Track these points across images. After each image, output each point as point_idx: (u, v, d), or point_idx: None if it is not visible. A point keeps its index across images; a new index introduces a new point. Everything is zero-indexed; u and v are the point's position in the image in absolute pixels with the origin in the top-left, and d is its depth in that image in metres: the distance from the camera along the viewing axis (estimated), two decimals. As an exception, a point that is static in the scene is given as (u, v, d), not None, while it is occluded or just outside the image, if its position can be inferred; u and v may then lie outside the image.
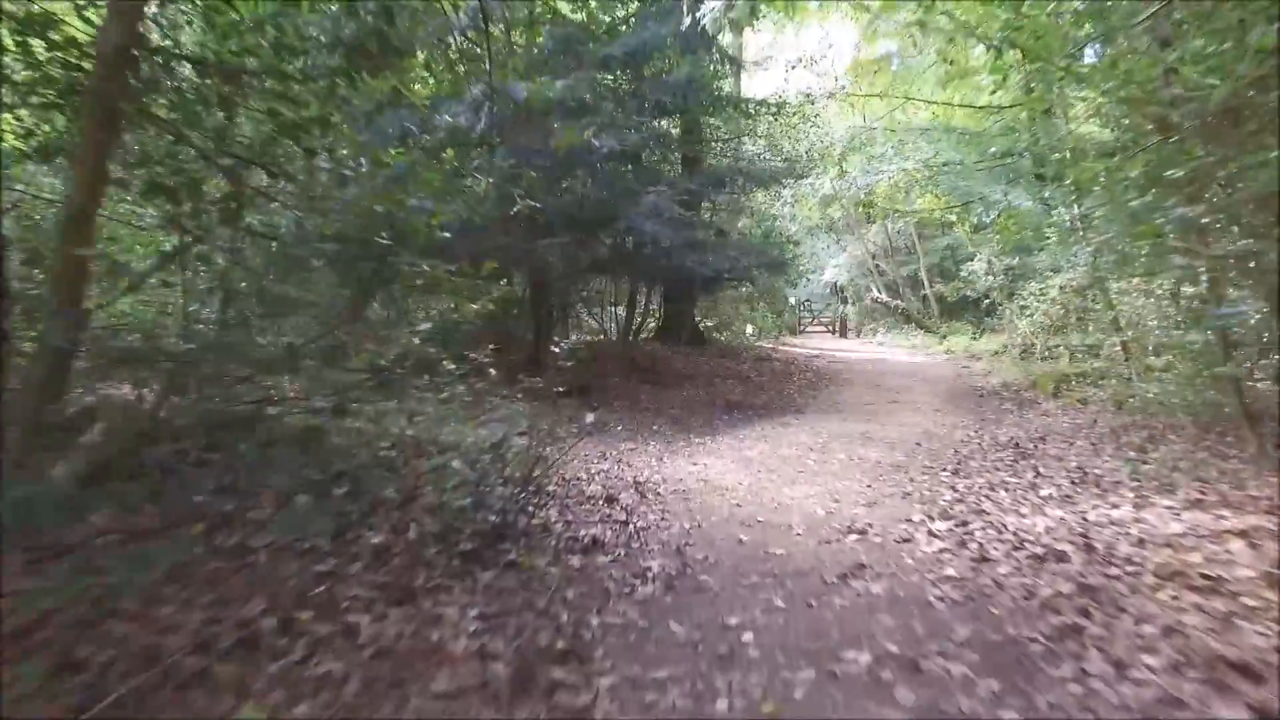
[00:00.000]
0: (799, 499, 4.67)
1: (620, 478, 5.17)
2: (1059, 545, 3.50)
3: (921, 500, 4.67)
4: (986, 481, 5.25)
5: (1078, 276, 12.57)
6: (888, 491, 4.94)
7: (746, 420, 8.56)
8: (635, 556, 3.38)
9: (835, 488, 5.03)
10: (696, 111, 9.44)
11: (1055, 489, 4.90)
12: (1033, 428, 8.16)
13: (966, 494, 4.83)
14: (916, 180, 15.89)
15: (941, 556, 3.51)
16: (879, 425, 8.02)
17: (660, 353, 12.70)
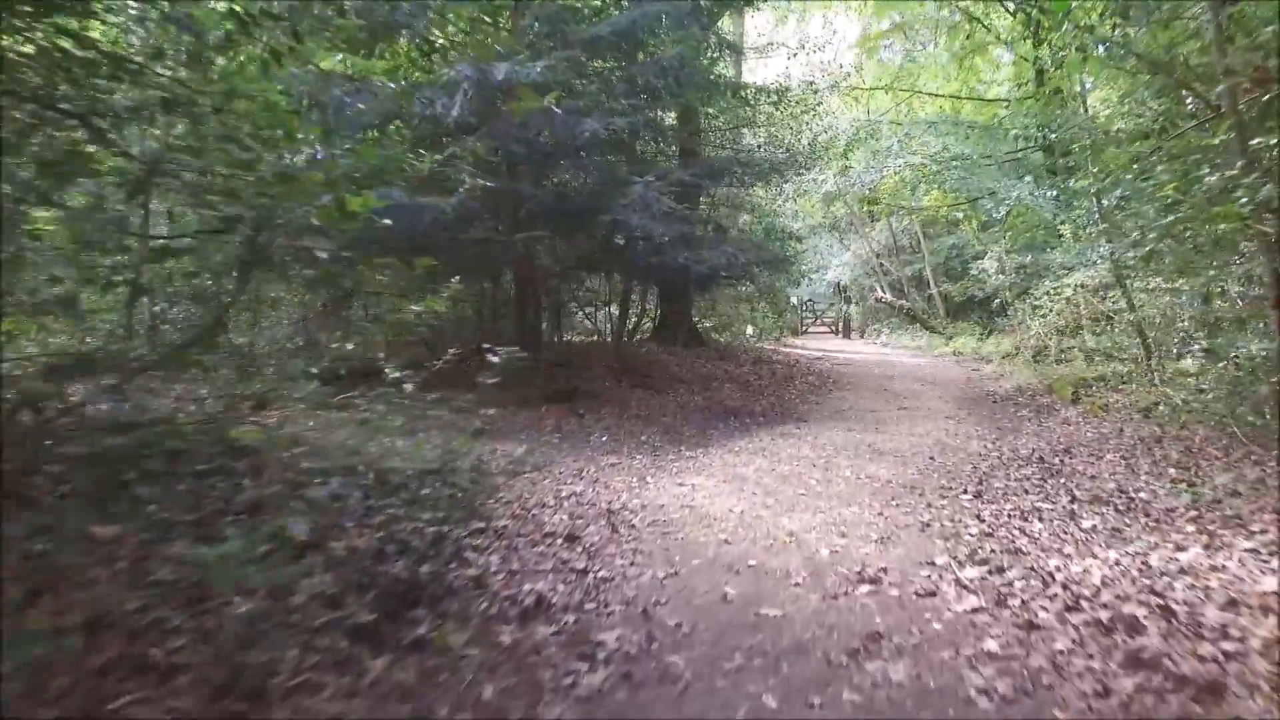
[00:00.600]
0: (799, 532, 3.91)
1: (592, 504, 4.41)
2: (1126, 606, 2.73)
3: (943, 534, 3.91)
4: (1015, 507, 4.48)
5: (1096, 274, 11.77)
6: (902, 521, 4.17)
7: (744, 429, 7.79)
8: (588, 624, 2.62)
9: (841, 516, 4.27)
10: (691, 97, 8.66)
11: (1098, 518, 4.13)
12: (1055, 438, 7.39)
13: (995, 525, 4.07)
14: (923, 176, 15.10)
15: (976, 619, 2.75)
16: (888, 436, 7.25)
17: (655, 354, 11.95)
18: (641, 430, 7.58)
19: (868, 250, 23.93)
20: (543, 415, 7.95)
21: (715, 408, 9.00)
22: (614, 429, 7.58)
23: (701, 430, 7.72)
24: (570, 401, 8.57)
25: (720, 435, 7.45)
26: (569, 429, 7.47)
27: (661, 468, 5.82)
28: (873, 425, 7.89)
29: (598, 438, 7.14)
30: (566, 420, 7.85)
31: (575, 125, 7.05)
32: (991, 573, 3.22)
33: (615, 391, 9.33)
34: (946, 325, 20.71)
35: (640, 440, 7.07)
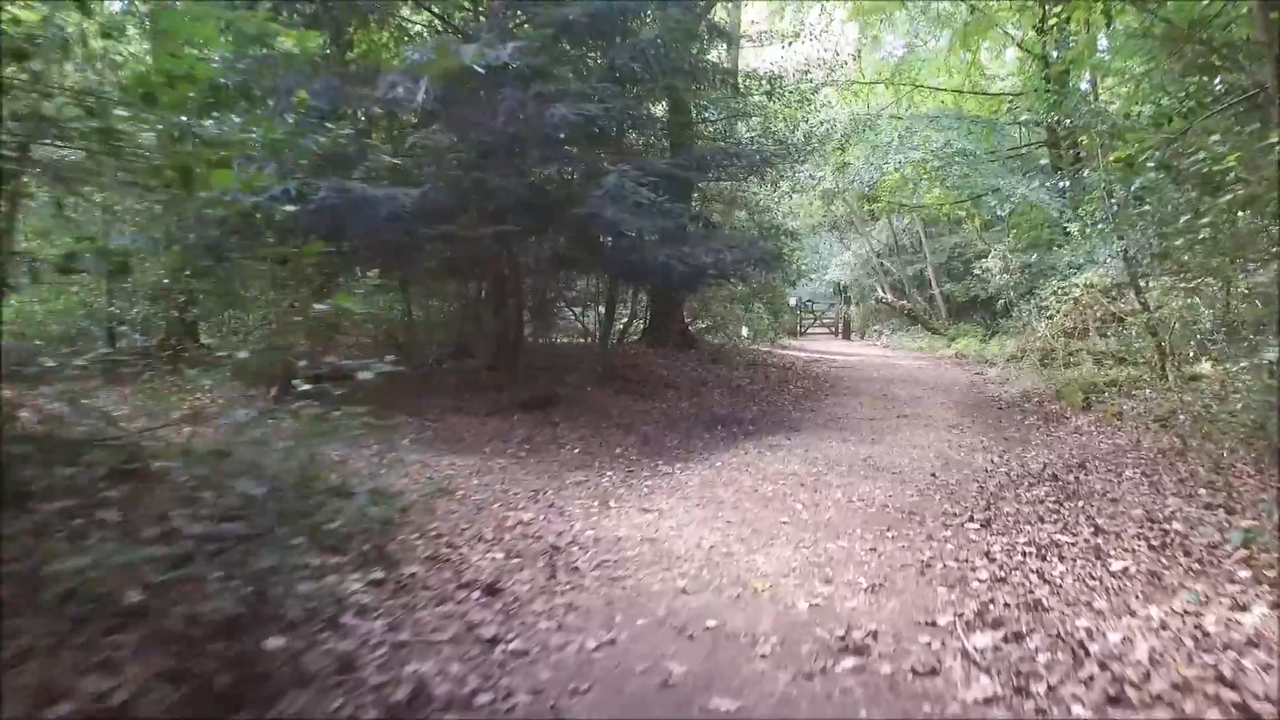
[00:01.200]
0: (774, 576, 3.24)
1: (537, 537, 3.75)
2: (1189, 701, 2.06)
3: (947, 578, 3.23)
4: (1030, 540, 3.80)
5: (1107, 273, 11.06)
6: (898, 560, 3.50)
7: (731, 440, 7.12)
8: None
9: (827, 553, 3.60)
10: (678, 85, 8.00)
11: (1129, 557, 3.45)
12: (1067, 450, 6.71)
13: (1008, 565, 3.39)
14: (925, 173, 14.40)
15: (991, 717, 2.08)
16: (885, 448, 6.57)
17: (644, 357, 11.28)
18: (619, 441, 6.92)
19: (868, 250, 23.22)
20: (514, 425, 7.29)
21: (702, 415, 8.33)
22: (589, 440, 6.91)
23: (684, 441, 7.05)
24: (546, 409, 7.91)
25: (704, 447, 6.78)
26: (540, 440, 6.81)
27: (632, 487, 5.15)
28: (870, 436, 7.21)
29: (569, 450, 6.48)
30: (539, 430, 7.19)
31: (543, 112, 6.40)
32: (1007, 640, 2.55)
33: (597, 398, 8.67)
34: (948, 326, 20.01)
35: (615, 453, 6.40)
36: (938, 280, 21.17)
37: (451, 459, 5.85)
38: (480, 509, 4.34)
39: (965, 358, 15.63)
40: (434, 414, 7.53)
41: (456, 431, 6.93)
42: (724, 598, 2.99)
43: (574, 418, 7.71)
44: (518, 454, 6.26)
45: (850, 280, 24.44)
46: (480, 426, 7.17)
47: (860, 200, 17.40)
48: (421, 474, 5.12)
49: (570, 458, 6.20)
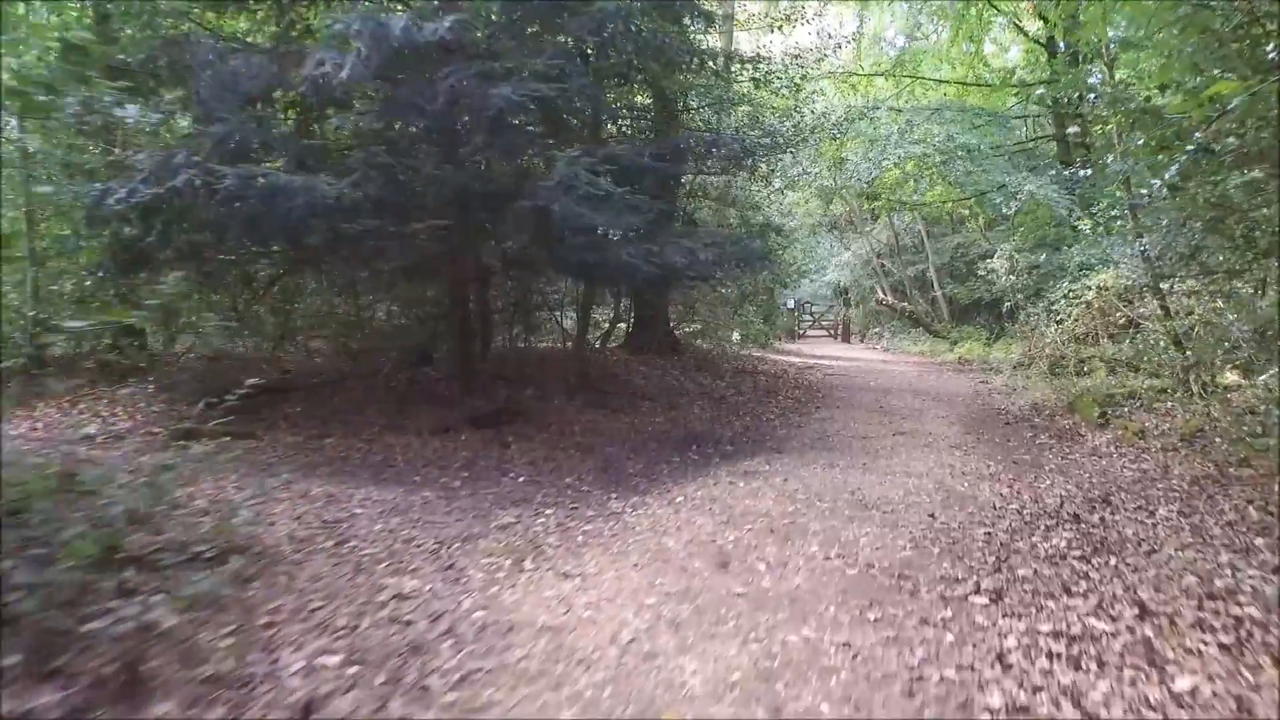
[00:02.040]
0: (702, 700, 2.29)
1: (407, 623, 2.80)
2: None
3: (944, 706, 2.27)
4: (1055, 630, 2.84)
5: (1123, 275, 10.04)
6: (879, 666, 2.55)
7: (703, 464, 6.17)
8: None
9: (783, 653, 2.64)
10: (651, 65, 7.04)
11: (1195, 663, 2.49)
12: (1086, 478, 5.74)
13: (1029, 683, 2.43)
14: (926, 168, 13.39)
15: None
16: (878, 476, 5.60)
17: (623, 364, 10.34)
18: (575, 466, 5.97)
19: (868, 250, 22.21)
20: (459, 445, 6.36)
21: (676, 433, 7.37)
22: (540, 465, 5.97)
23: (649, 467, 6.09)
24: (501, 426, 6.97)
25: (670, 474, 5.82)
26: (483, 465, 5.87)
27: (567, 533, 4.20)
28: (861, 460, 6.24)
29: (513, 479, 5.53)
30: (486, 452, 6.25)
31: (483, 92, 5.45)
32: None
33: (562, 412, 7.72)
34: (951, 329, 19.00)
35: (565, 483, 5.45)
36: (940, 281, 20.16)
37: (369, 492, 4.92)
38: (359, 570, 3.40)
39: (968, 363, 14.62)
40: (371, 432, 6.61)
41: (390, 454, 6.00)
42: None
43: (529, 436, 6.76)
44: (451, 484, 5.32)
45: (850, 281, 23.44)
46: (419, 448, 6.24)
47: (859, 198, 16.37)
48: (313, 515, 4.18)
49: (511, 489, 5.25)
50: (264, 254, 6.55)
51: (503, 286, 9.15)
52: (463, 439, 6.57)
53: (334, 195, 5.50)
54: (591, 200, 5.88)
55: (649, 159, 6.90)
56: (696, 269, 6.91)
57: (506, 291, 9.27)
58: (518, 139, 5.79)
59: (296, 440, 6.20)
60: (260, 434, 6.33)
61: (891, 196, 15.08)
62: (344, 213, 5.62)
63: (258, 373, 8.59)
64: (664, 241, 6.64)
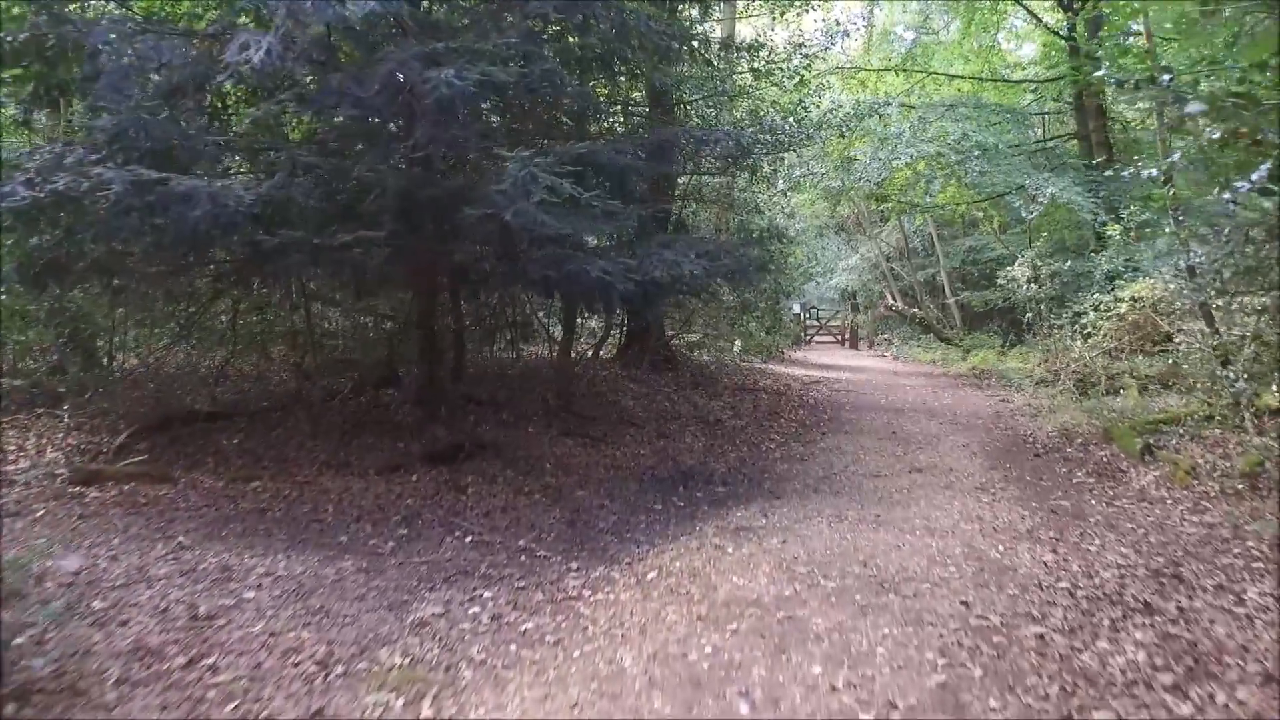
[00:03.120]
0: None
1: None
2: None
3: None
4: None
5: (1159, 285, 9.00)
6: None
7: (688, 515, 5.20)
8: None
9: None
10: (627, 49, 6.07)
11: None
12: (1142, 536, 4.74)
13: None
14: (940, 168, 12.35)
15: None
16: (894, 535, 4.61)
17: (612, 382, 9.37)
18: (538, 519, 5.02)
19: (877, 253, 21.16)
20: (407, 489, 5.42)
21: (663, 469, 6.41)
22: (497, 517, 5.02)
23: (626, 518, 5.13)
24: (462, 462, 6.02)
25: (647, 530, 4.86)
26: (429, 519, 4.92)
27: (499, 639, 3.23)
28: (873, 507, 5.25)
29: (458, 539, 4.58)
30: (437, 498, 5.31)
31: (419, 77, 4.50)
32: None
33: (534, 443, 6.77)
34: (963, 336, 17.93)
35: (519, 546, 4.49)
36: (951, 286, 19.09)
37: (276, 562, 3.98)
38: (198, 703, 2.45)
39: (983, 374, 13.57)
40: (308, 472, 5.67)
41: (320, 504, 5.05)
42: None
43: (491, 477, 5.81)
44: (381, 548, 4.37)
45: (858, 285, 22.39)
46: (359, 493, 5.29)
47: (868, 199, 15.33)
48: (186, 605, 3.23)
49: (453, 555, 4.30)
50: (187, 267, 5.61)
51: (478, 296, 8.19)
52: (413, 480, 5.62)
53: (250, 201, 4.56)
54: (556, 206, 4.92)
55: (631, 158, 5.93)
56: (684, 283, 5.92)
57: (484, 302, 8.32)
58: (466, 133, 4.82)
59: (217, 485, 5.26)
60: (179, 475, 5.39)
61: (902, 198, 14.04)
62: (263, 222, 4.68)
63: (204, 395, 7.72)
64: (646, 253, 5.67)
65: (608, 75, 7.67)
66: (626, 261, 5.27)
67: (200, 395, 7.51)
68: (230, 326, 7.86)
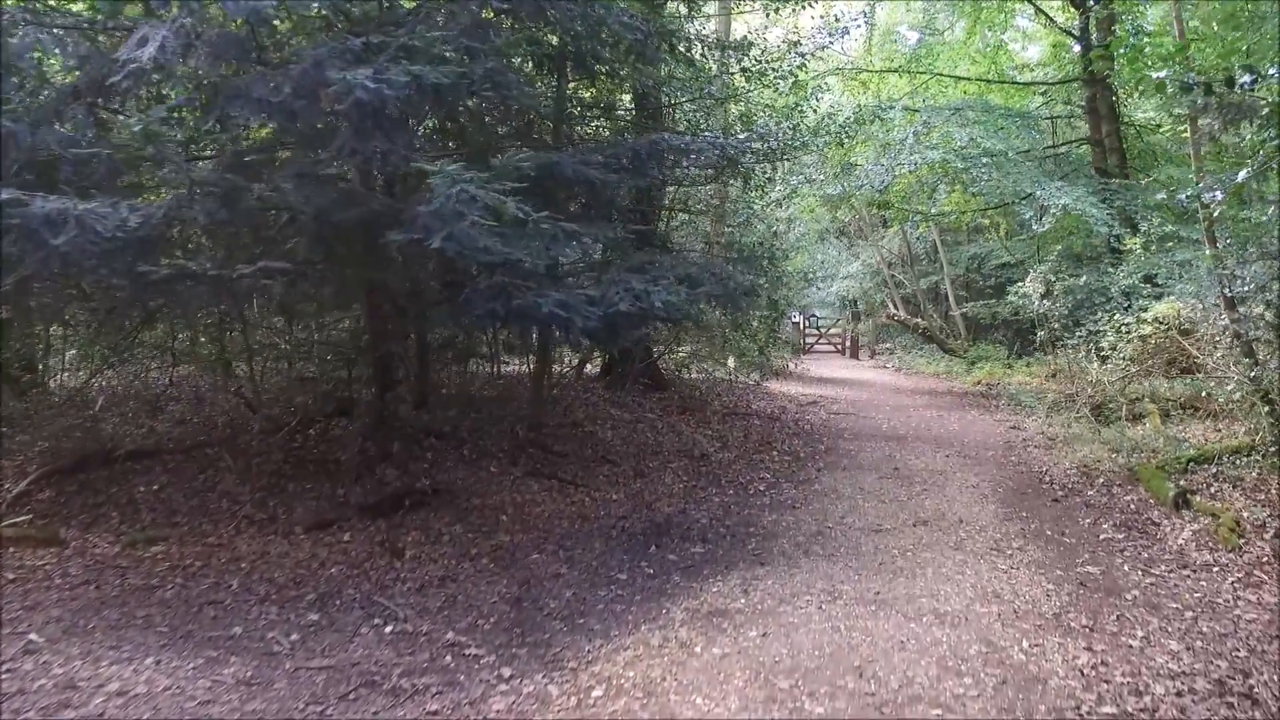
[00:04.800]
0: None
1: None
2: None
3: None
4: None
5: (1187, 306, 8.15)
6: None
7: (657, 588, 4.41)
8: None
9: None
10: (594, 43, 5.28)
11: None
12: (1192, 623, 3.94)
13: None
14: (945, 174, 11.51)
15: None
16: (896, 625, 3.81)
17: (591, 408, 8.57)
18: (479, 596, 4.23)
19: (878, 260, 20.32)
20: (333, 553, 4.64)
21: (635, 520, 5.62)
22: (431, 594, 4.23)
23: (583, 592, 4.33)
24: (406, 514, 5.24)
25: (602, 616, 4.06)
26: (350, 596, 4.13)
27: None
28: (873, 581, 4.45)
29: (377, 629, 3.79)
30: (368, 565, 4.53)
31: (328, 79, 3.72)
32: None
33: (496, 486, 5.99)
34: (967, 347, 17.09)
35: (445, 642, 3.70)
36: (955, 295, 18.25)
37: (138, 670, 3.20)
38: None
39: (990, 389, 12.75)
40: (225, 530, 4.89)
41: (225, 577, 4.27)
42: None
43: (437, 535, 5.02)
44: (279, 644, 3.58)
45: (859, 293, 21.56)
46: (277, 560, 4.51)
47: (869, 205, 14.50)
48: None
49: (361, 657, 3.51)
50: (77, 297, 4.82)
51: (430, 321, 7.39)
52: (343, 541, 4.84)
53: (136, 225, 3.78)
54: (512, 227, 4.14)
55: (600, 170, 5.13)
56: (659, 313, 5.11)
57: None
58: (393, 145, 4.02)
59: (110, 551, 4.48)
60: (70, 537, 4.62)
61: (905, 205, 13.22)
62: (146, 249, 3.89)
63: (142, 426, 6.96)
64: (613, 280, 4.87)
65: (584, 76, 6.88)
66: (586, 293, 4.47)
67: (139, 425, 6.75)
68: (169, 347, 7.09)
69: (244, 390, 6.87)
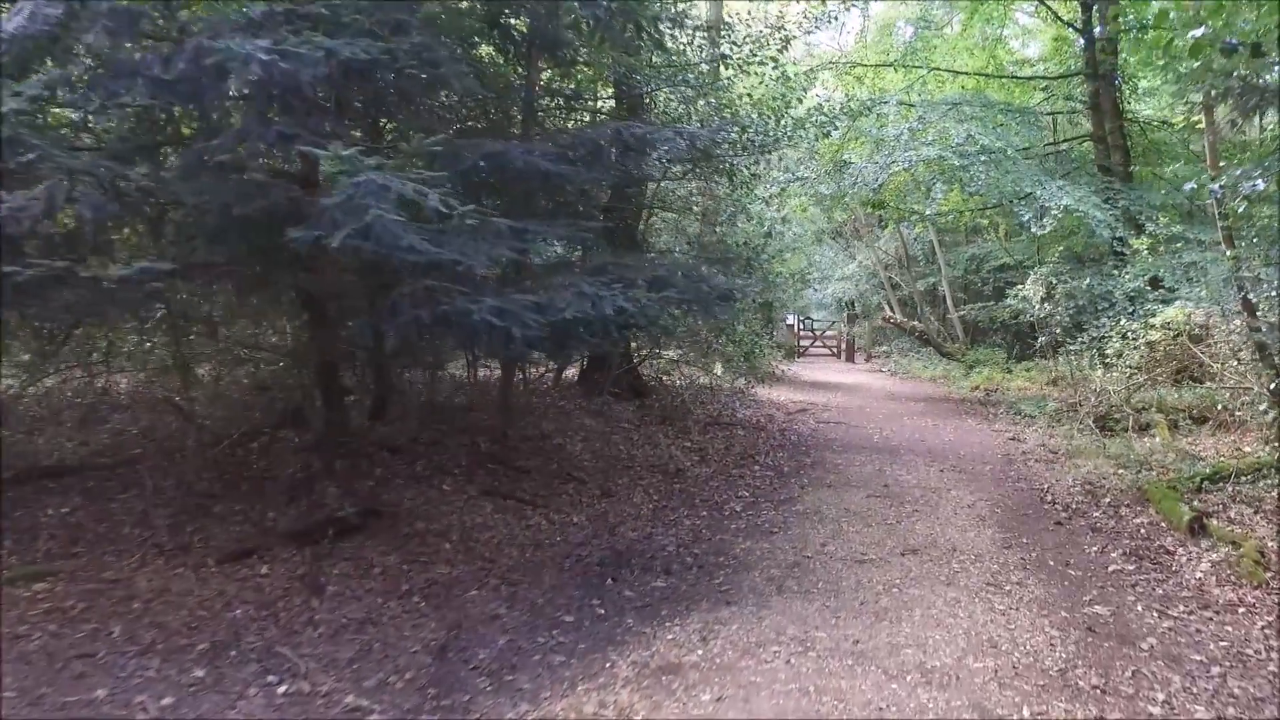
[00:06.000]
0: None
1: None
2: None
3: None
4: None
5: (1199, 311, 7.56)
6: None
7: (601, 640, 3.83)
8: None
9: None
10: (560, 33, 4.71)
11: None
12: (1219, 684, 3.38)
13: None
14: (941, 172, 10.92)
15: None
16: (874, 684, 3.23)
17: (563, 418, 7.99)
18: (397, 646, 3.65)
19: (874, 261, 19.73)
20: (247, 588, 4.07)
21: (594, 547, 5.04)
22: (342, 643, 3.65)
23: (513, 647, 3.75)
24: (335, 541, 4.66)
25: (534, 672, 3.48)
26: (250, 645, 3.56)
27: None
28: (851, 626, 3.87)
29: (266, 691, 3.21)
30: (283, 603, 3.96)
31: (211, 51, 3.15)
32: None
33: (445, 508, 5.41)
34: (965, 350, 16.50)
35: (344, 708, 3.12)
36: (953, 297, 17.66)
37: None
38: None
39: (988, 394, 12.15)
40: (129, 560, 4.32)
41: (112, 620, 3.69)
42: None
43: (367, 568, 4.45)
44: (147, 708, 3.01)
45: (855, 295, 20.97)
46: (178, 599, 3.93)
47: (864, 205, 13.92)
48: None
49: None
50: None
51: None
52: (260, 574, 4.26)
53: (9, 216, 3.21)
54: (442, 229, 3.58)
55: (549, 162, 4.55)
56: (613, 320, 4.55)
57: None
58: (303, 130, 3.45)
59: (-14, 589, 3.91)
60: (-53, 573, 4.05)
61: (900, 205, 12.67)
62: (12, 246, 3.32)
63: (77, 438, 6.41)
64: (561, 284, 4.30)
65: (554, 64, 6.32)
66: (527, 298, 3.89)
67: (73, 439, 6.19)
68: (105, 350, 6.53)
69: (182, 400, 6.30)
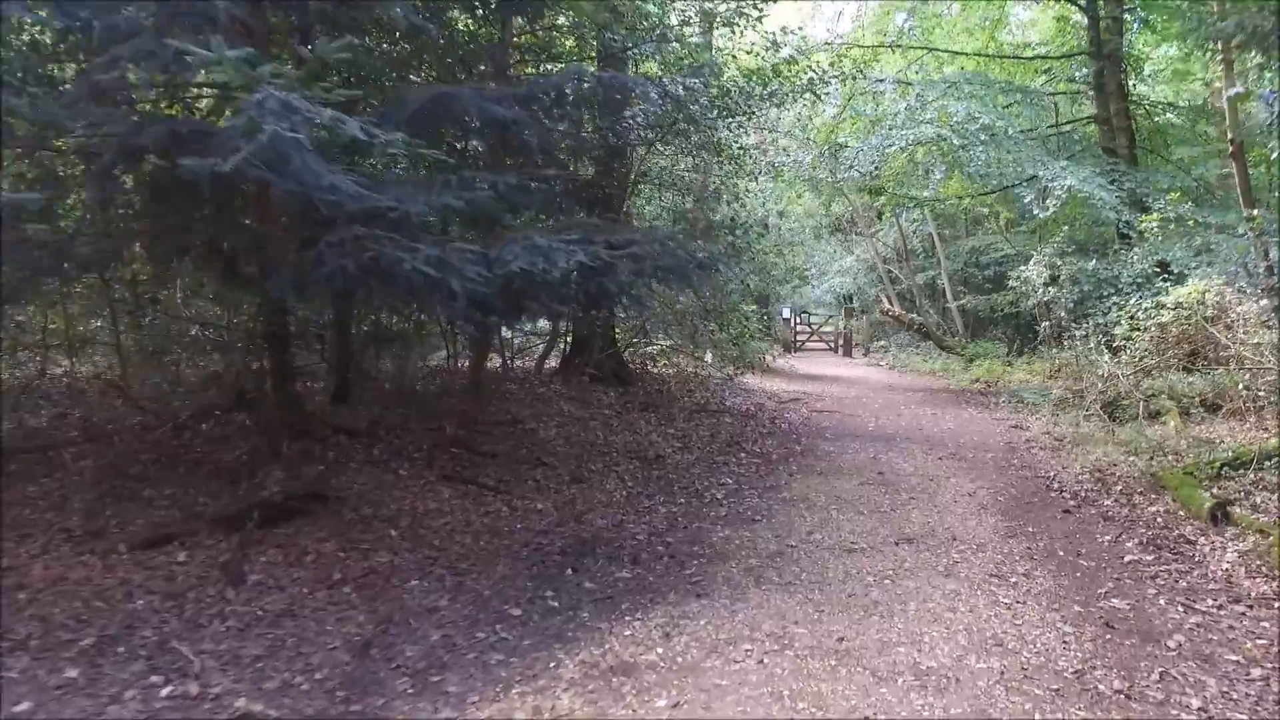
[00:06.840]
0: None
1: None
2: None
3: None
4: None
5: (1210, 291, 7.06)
6: None
7: (550, 636, 3.34)
8: None
9: None
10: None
11: None
12: (1262, 688, 2.86)
13: None
14: (942, 153, 10.43)
15: None
16: (859, 688, 2.75)
17: (540, 403, 7.51)
18: (314, 643, 3.16)
19: (873, 254, 19.23)
20: (162, 575, 3.58)
21: (559, 536, 4.55)
22: (251, 637, 3.16)
23: (447, 644, 3.26)
24: (273, 526, 4.18)
25: (466, 673, 2.99)
26: (143, 639, 3.07)
27: None
28: (836, 621, 3.38)
29: (146, 693, 2.72)
30: (198, 591, 3.48)
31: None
32: None
33: (399, 493, 4.93)
34: (965, 344, 15.99)
35: (230, 713, 2.63)
36: (953, 290, 17.15)
37: None
38: None
39: (988, 386, 11.64)
40: (31, 547, 3.83)
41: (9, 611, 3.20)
42: None
43: (299, 555, 3.96)
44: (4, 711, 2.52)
45: (853, 288, 20.47)
46: (74, 588, 3.45)
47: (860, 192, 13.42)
48: None
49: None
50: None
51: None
52: (178, 561, 3.78)
53: None
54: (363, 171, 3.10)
55: (504, 108, 4.07)
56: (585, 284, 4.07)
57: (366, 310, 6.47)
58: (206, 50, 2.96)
59: None
60: None
61: (898, 190, 12.13)
62: None
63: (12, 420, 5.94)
64: (513, 237, 3.82)
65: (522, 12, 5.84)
66: (471, 248, 3.41)
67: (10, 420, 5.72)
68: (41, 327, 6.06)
69: (121, 380, 5.82)
